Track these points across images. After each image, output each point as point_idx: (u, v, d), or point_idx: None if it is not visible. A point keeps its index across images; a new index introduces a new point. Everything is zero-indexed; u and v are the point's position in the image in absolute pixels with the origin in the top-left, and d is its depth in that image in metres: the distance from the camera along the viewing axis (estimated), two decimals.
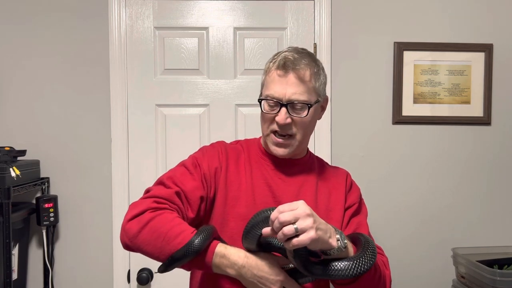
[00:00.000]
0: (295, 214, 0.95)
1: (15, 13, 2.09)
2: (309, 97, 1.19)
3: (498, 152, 2.25)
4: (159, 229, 1.06)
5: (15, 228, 1.87)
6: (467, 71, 2.22)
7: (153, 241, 1.06)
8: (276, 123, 1.19)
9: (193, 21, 2.16)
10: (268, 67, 1.22)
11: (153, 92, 2.15)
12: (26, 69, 2.10)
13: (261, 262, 1.08)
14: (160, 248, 1.06)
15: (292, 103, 1.17)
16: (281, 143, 1.21)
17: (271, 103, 1.19)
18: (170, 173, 1.21)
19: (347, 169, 2.16)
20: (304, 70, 1.18)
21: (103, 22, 2.11)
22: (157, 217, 1.08)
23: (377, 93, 2.21)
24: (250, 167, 1.26)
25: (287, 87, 1.17)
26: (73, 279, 2.12)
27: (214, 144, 1.32)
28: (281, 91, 1.17)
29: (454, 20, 2.22)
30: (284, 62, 1.17)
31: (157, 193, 1.14)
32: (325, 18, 2.17)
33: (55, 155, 2.10)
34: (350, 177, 1.36)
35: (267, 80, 1.21)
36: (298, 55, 1.19)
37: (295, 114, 1.19)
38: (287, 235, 0.94)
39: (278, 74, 1.18)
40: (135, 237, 1.08)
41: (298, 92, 1.17)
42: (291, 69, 1.17)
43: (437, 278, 2.22)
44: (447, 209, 2.24)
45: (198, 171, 1.21)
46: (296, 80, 1.17)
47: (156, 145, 2.15)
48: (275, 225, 0.95)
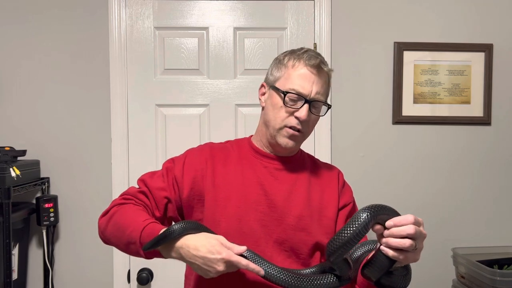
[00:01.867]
0: (423, 234, 0.95)
1: (15, 13, 2.09)
2: (326, 98, 1.26)
3: (498, 152, 2.25)
4: (120, 221, 1.12)
5: (15, 228, 1.87)
6: (467, 71, 2.22)
7: (115, 232, 1.13)
8: (296, 118, 1.20)
9: (193, 21, 2.16)
10: (293, 62, 1.22)
11: (153, 92, 2.15)
12: (26, 69, 2.10)
13: (200, 241, 1.02)
14: (120, 238, 1.12)
15: (315, 101, 1.21)
16: (294, 135, 1.22)
17: (295, 97, 1.20)
18: (146, 175, 1.27)
19: (347, 169, 2.17)
20: (328, 74, 1.25)
21: (103, 22, 2.11)
22: (119, 210, 1.15)
23: (377, 93, 2.21)
24: (241, 166, 1.26)
25: (315, 85, 1.20)
26: (73, 279, 2.12)
27: (201, 147, 1.32)
28: (308, 88, 1.20)
29: (454, 20, 2.22)
30: (318, 63, 1.21)
31: (126, 191, 1.24)
32: (325, 18, 2.17)
33: (55, 155, 2.10)
34: (342, 175, 1.37)
35: (293, 74, 1.21)
36: (322, 58, 1.24)
37: (314, 113, 1.22)
38: (406, 247, 0.93)
39: (311, 71, 1.20)
40: (104, 231, 1.17)
41: (321, 93, 1.22)
42: (322, 70, 1.21)
43: (437, 278, 2.22)
44: (447, 209, 2.24)
45: (170, 174, 1.24)
46: (324, 81, 1.22)
47: (156, 145, 2.15)
48: (397, 230, 0.93)
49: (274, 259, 1.18)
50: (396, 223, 0.95)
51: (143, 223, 1.08)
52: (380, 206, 0.96)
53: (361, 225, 0.93)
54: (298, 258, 1.21)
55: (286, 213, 1.21)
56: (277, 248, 1.20)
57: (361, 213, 0.94)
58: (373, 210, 0.94)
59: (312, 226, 1.22)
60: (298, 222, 1.21)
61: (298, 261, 1.21)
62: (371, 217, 0.94)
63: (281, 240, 1.20)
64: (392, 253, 0.94)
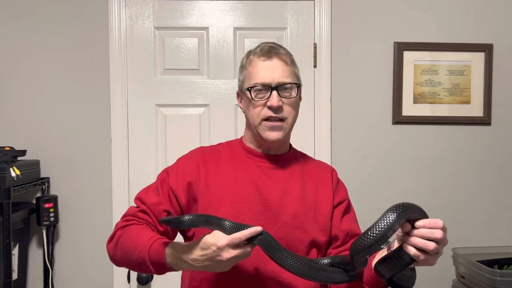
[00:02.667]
0: (446, 240, 0.97)
1: (15, 13, 2.09)
2: (294, 79, 1.24)
3: (498, 152, 2.25)
4: (126, 244, 1.14)
5: (15, 228, 1.87)
6: (467, 71, 2.22)
7: (124, 255, 1.15)
8: (269, 108, 1.20)
9: (193, 21, 2.16)
10: (248, 60, 1.25)
11: (153, 92, 2.15)
12: (26, 69, 2.10)
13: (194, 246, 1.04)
14: (129, 260, 1.13)
15: (282, 85, 1.20)
16: (274, 126, 1.22)
17: (261, 89, 1.20)
18: (142, 191, 1.27)
19: (347, 169, 2.18)
20: (285, 56, 1.23)
21: (103, 22, 2.11)
22: (124, 233, 1.17)
23: (377, 93, 2.21)
24: (234, 167, 1.26)
25: (274, 71, 1.20)
26: (73, 279, 2.12)
27: (192, 153, 1.32)
28: (269, 76, 1.20)
29: (454, 20, 2.22)
30: (268, 49, 1.22)
31: (127, 212, 1.24)
32: (325, 18, 2.17)
33: (55, 155, 2.10)
34: (335, 172, 1.37)
35: (250, 70, 1.23)
36: (275, 44, 1.25)
37: (286, 96, 1.21)
38: (429, 250, 0.94)
39: (263, 60, 1.21)
40: (114, 256, 1.19)
41: (285, 75, 1.21)
42: (274, 54, 1.21)
43: (437, 278, 2.21)
44: (447, 209, 2.24)
45: (165, 186, 1.24)
46: (281, 63, 1.22)
47: (156, 145, 2.15)
48: (426, 232, 0.94)
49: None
50: (426, 225, 0.96)
51: (149, 241, 1.09)
52: (408, 206, 0.95)
53: (388, 227, 0.92)
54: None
55: (281, 211, 1.21)
56: None
57: (390, 214, 0.92)
58: (402, 210, 0.93)
59: (307, 224, 1.22)
60: (294, 220, 1.21)
61: None
62: (399, 218, 0.92)
63: (277, 239, 1.20)
64: (415, 252, 0.95)
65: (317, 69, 2.18)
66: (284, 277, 1.18)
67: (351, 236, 1.26)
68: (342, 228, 1.27)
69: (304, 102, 2.19)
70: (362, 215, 2.21)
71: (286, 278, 1.17)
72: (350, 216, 1.31)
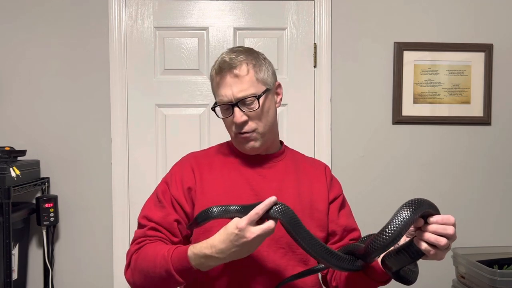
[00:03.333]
0: (455, 236, 0.97)
1: (15, 13, 2.09)
2: (255, 89, 1.19)
3: (498, 152, 2.25)
4: (145, 265, 1.11)
5: (15, 228, 1.87)
6: (467, 71, 2.22)
7: (145, 278, 1.11)
8: (235, 124, 1.20)
9: (193, 21, 2.16)
10: (210, 75, 1.25)
11: (153, 92, 2.15)
12: (26, 69, 2.10)
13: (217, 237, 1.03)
14: (152, 280, 1.10)
15: (242, 100, 1.19)
16: (246, 138, 1.22)
17: (224, 107, 1.21)
18: (144, 209, 1.24)
19: (347, 169, 2.18)
20: (239, 67, 1.19)
21: (103, 22, 2.11)
22: (139, 256, 1.14)
23: (377, 93, 2.21)
24: (227, 170, 1.26)
25: (230, 87, 1.19)
26: (73, 279, 2.12)
27: (183, 162, 1.31)
28: (227, 93, 1.19)
29: (454, 20, 2.22)
30: (219, 66, 1.20)
31: (136, 235, 1.21)
32: (325, 18, 2.17)
33: (55, 155, 2.10)
34: (329, 169, 1.37)
35: (213, 87, 1.24)
36: (233, 54, 1.21)
37: (248, 109, 1.20)
38: (441, 245, 0.94)
39: (217, 80, 1.21)
40: (135, 283, 1.15)
41: (242, 89, 1.18)
42: (226, 70, 1.19)
43: (437, 278, 2.22)
44: (447, 209, 2.22)
45: (167, 197, 1.23)
46: (234, 79, 1.19)
47: (156, 145, 2.15)
48: (439, 228, 0.95)
49: (271, 257, 1.19)
50: (438, 221, 0.96)
51: (168, 252, 1.08)
52: (421, 202, 0.95)
53: (404, 225, 0.92)
54: (295, 253, 1.21)
55: None
56: (273, 246, 1.20)
57: (404, 211, 0.93)
58: (416, 207, 0.94)
59: (305, 221, 1.21)
60: None
61: (295, 257, 1.22)
62: (414, 215, 0.93)
63: (276, 238, 1.20)
64: (426, 246, 0.95)
65: (317, 69, 2.18)
66: (284, 277, 1.18)
67: (349, 231, 1.28)
68: (340, 224, 1.27)
69: (304, 102, 2.21)
70: (362, 215, 2.21)
71: (286, 277, 1.18)
72: (345, 211, 1.33)
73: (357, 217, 2.28)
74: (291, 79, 2.18)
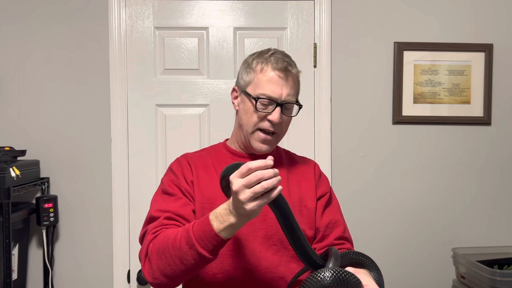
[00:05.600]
0: None
1: (15, 13, 2.09)
2: (295, 98, 1.28)
3: (498, 152, 2.25)
4: (165, 247, 1.05)
5: (15, 228, 1.87)
6: (467, 71, 2.22)
7: (165, 260, 1.05)
8: (269, 122, 1.23)
9: (193, 21, 2.16)
10: (261, 67, 1.24)
11: (153, 92, 2.14)
12: (26, 69, 2.10)
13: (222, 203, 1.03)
14: (174, 260, 1.04)
15: (287, 103, 1.24)
16: (268, 140, 1.25)
17: (266, 102, 1.23)
18: (155, 206, 1.21)
19: (347, 169, 2.18)
20: (296, 76, 1.27)
21: (103, 22, 2.11)
22: (157, 241, 1.08)
23: (377, 93, 2.21)
24: (221, 169, 1.26)
25: (284, 88, 1.23)
26: (73, 279, 2.12)
27: (179, 159, 1.32)
28: (278, 92, 1.22)
29: (454, 20, 2.22)
30: (285, 66, 1.23)
31: (151, 228, 1.15)
32: (325, 18, 2.17)
33: (55, 155, 2.10)
34: (318, 167, 1.40)
35: (262, 78, 1.24)
36: (288, 59, 1.26)
37: (286, 114, 1.25)
38: None
39: (279, 75, 1.23)
40: (153, 273, 1.07)
41: (291, 94, 1.24)
42: (289, 72, 1.24)
43: (437, 278, 2.22)
44: (447, 208, 2.24)
45: (177, 190, 1.23)
46: (293, 82, 1.25)
47: (156, 145, 2.15)
48: None
49: (263, 254, 1.21)
50: None
51: (189, 225, 1.04)
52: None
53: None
54: (287, 250, 1.23)
55: (269, 209, 1.23)
56: (266, 243, 1.22)
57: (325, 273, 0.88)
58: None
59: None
60: None
61: (288, 253, 1.23)
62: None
63: (268, 235, 1.22)
64: None
65: (317, 69, 2.18)
66: (278, 273, 1.20)
67: (331, 227, 1.29)
68: (323, 223, 1.29)
69: (304, 102, 2.19)
70: (361, 215, 2.22)
71: (279, 273, 1.20)
72: (331, 208, 1.34)
73: (356, 217, 2.30)
74: None
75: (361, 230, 2.19)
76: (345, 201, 2.17)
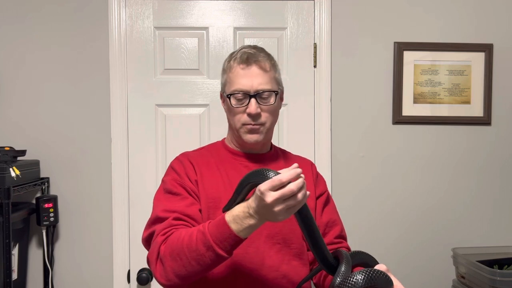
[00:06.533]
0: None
1: (15, 13, 2.09)
2: (273, 85, 1.27)
3: (498, 152, 2.25)
4: (180, 248, 1.06)
5: (15, 228, 1.87)
6: (467, 71, 2.22)
7: (180, 261, 1.06)
8: (248, 115, 1.24)
9: (193, 21, 2.16)
10: (229, 65, 1.28)
11: (153, 92, 2.14)
12: (26, 69, 2.10)
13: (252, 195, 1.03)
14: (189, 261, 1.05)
15: (260, 93, 1.24)
16: (254, 129, 1.26)
17: (239, 96, 1.24)
18: (160, 206, 1.20)
19: (347, 169, 2.18)
20: (264, 62, 1.26)
21: (103, 22, 2.11)
22: (170, 243, 1.08)
23: (377, 93, 2.21)
24: (224, 168, 1.30)
25: (253, 78, 1.24)
26: (73, 279, 2.12)
27: (180, 158, 1.32)
28: (247, 83, 1.23)
29: (454, 20, 2.22)
30: (246, 57, 1.24)
31: (159, 229, 1.14)
32: (325, 18, 2.17)
33: (55, 155, 2.10)
34: (315, 167, 1.42)
35: (230, 76, 1.26)
36: (255, 50, 1.27)
37: (263, 103, 1.25)
38: None
39: (242, 68, 1.24)
40: (166, 274, 1.08)
41: (263, 82, 1.24)
42: (253, 61, 1.24)
43: (437, 278, 2.22)
44: (447, 208, 2.24)
45: (182, 189, 1.22)
46: (259, 71, 1.25)
47: (156, 145, 2.15)
48: None
49: (267, 253, 1.22)
50: None
51: (203, 227, 1.05)
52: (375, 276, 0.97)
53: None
54: (290, 248, 1.25)
55: None
56: (269, 241, 1.23)
57: (359, 275, 0.94)
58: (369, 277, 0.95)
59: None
60: None
61: (290, 252, 1.25)
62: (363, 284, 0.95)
63: (273, 234, 1.23)
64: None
65: (317, 69, 2.18)
66: (281, 271, 1.22)
67: (330, 226, 1.32)
68: (322, 221, 1.32)
69: (304, 102, 2.21)
70: (361, 215, 2.22)
71: (282, 271, 1.22)
72: (329, 207, 1.37)
73: (356, 217, 2.30)
74: (291, 79, 2.18)
75: (360, 230, 2.19)
76: (345, 200, 2.17)
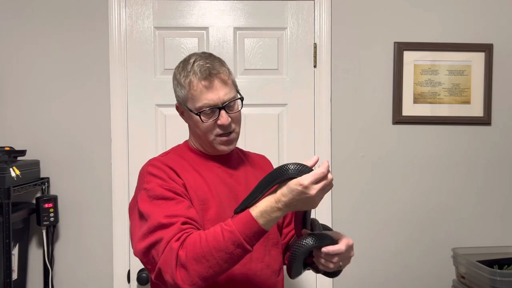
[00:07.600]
0: (349, 256, 1.21)
1: (15, 13, 2.09)
2: (234, 93, 1.31)
3: (498, 152, 2.25)
4: (205, 250, 1.08)
5: (15, 228, 1.87)
6: (467, 71, 2.22)
7: (207, 262, 1.08)
8: (220, 126, 1.27)
9: (193, 21, 2.16)
10: (188, 81, 1.27)
11: (153, 92, 2.14)
12: (26, 69, 2.10)
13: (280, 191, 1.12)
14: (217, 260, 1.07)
15: (227, 103, 1.27)
16: (228, 140, 1.31)
17: (208, 111, 1.26)
18: (156, 213, 1.17)
19: (347, 169, 2.18)
20: (223, 72, 1.29)
21: (103, 22, 2.11)
22: (192, 246, 1.09)
23: (377, 93, 2.21)
24: (199, 171, 1.32)
25: (218, 91, 1.26)
26: (73, 279, 2.12)
27: (155, 164, 1.31)
28: (214, 98, 1.26)
29: (454, 20, 2.22)
30: (208, 72, 1.25)
31: (169, 235, 1.12)
32: (325, 18, 2.17)
33: (55, 155, 2.10)
34: (269, 160, 1.56)
35: (193, 94, 1.27)
36: (210, 60, 1.28)
37: (233, 112, 1.29)
38: (330, 268, 1.20)
39: (204, 85, 1.26)
40: (193, 277, 1.08)
41: (227, 92, 1.28)
42: (214, 75, 1.26)
43: (437, 278, 2.22)
44: (447, 209, 2.24)
45: (172, 193, 1.22)
46: (221, 83, 1.28)
47: (156, 145, 2.14)
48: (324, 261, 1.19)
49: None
50: (326, 254, 1.17)
51: (230, 229, 1.09)
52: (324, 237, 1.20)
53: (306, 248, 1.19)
54: (269, 238, 1.32)
55: None
56: None
57: (308, 238, 1.19)
58: (318, 240, 1.18)
59: None
60: None
61: (269, 242, 1.32)
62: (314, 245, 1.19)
63: None
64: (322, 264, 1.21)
65: (317, 69, 2.18)
66: (265, 262, 1.29)
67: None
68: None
69: (304, 102, 2.21)
70: (361, 215, 2.21)
71: (266, 262, 1.29)
72: None
73: (356, 217, 2.30)
74: (291, 79, 2.18)
75: (360, 230, 2.19)
76: (345, 200, 2.17)
